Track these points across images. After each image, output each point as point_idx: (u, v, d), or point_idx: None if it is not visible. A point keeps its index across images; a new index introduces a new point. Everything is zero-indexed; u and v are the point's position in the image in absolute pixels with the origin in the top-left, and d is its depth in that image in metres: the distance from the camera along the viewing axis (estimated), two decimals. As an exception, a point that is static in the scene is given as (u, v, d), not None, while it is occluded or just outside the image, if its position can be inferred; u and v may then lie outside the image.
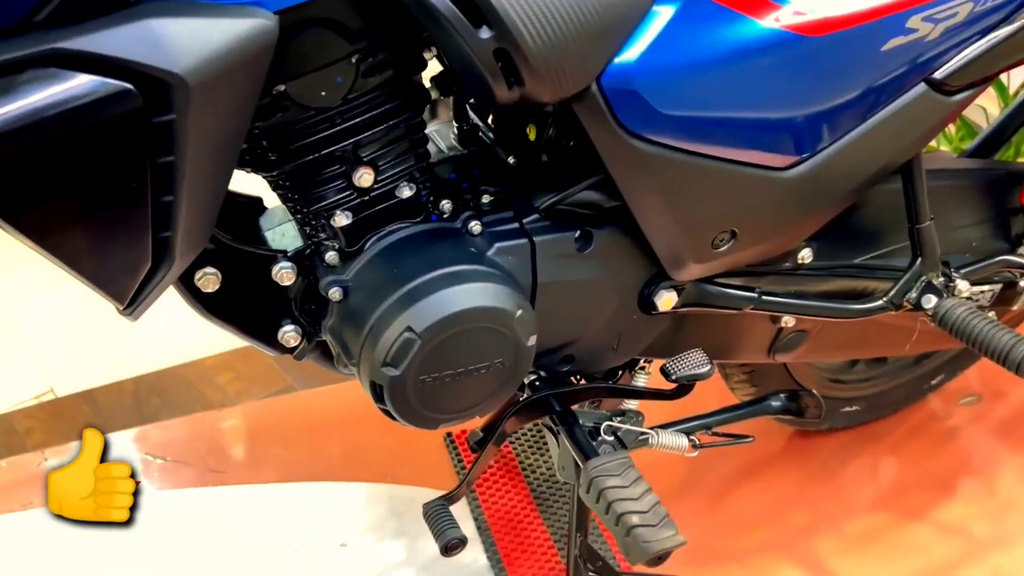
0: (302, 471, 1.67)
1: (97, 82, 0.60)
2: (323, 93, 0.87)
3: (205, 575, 1.49)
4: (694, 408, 1.37)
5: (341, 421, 1.80)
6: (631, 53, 0.87)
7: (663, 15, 0.87)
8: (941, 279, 1.24)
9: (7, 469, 1.73)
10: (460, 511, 1.60)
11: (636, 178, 0.97)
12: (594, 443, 1.17)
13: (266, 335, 1.05)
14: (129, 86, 0.61)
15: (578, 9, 0.81)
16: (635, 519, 1.00)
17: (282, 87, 0.85)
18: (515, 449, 1.72)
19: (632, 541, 1.00)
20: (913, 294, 1.23)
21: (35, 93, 0.59)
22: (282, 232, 1.05)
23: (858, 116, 1.04)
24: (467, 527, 1.60)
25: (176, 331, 1.92)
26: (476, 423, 1.17)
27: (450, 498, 1.07)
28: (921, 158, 1.17)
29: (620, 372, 1.32)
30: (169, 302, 0.99)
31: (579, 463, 1.12)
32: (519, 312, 0.97)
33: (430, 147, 1.13)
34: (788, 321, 1.29)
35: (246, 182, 1.02)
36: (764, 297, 1.19)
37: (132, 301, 0.76)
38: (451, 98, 1.11)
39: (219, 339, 1.07)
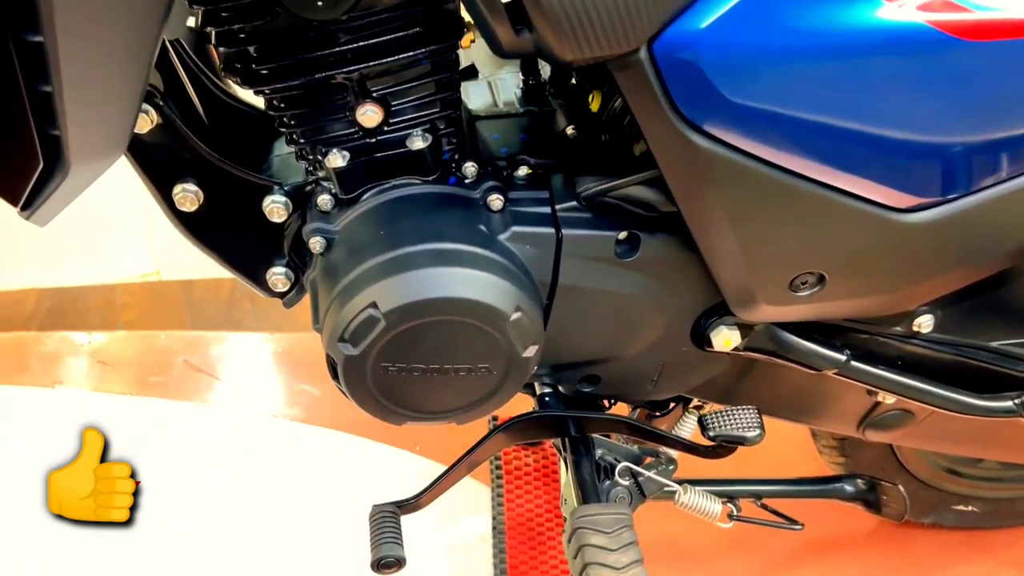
0: (331, 417, 1.57)
1: None
2: (319, 3, 0.71)
3: (195, 497, 1.43)
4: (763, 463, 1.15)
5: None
6: (701, 16, 0.65)
7: (755, -26, 0.64)
8: (1101, 394, 0.95)
9: (55, 343, 1.73)
10: (480, 504, 1.48)
11: (692, 183, 0.75)
12: (606, 483, 0.99)
13: (252, 272, 0.93)
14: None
15: (621, -58, 0.61)
16: (608, 594, 0.82)
17: (270, -14, 0.71)
18: (559, 452, 1.55)
19: (597, 618, 0.82)
20: (1056, 404, 0.95)
21: None
22: (292, 161, 0.92)
23: (1024, 162, 0.77)
24: (482, 523, 1.46)
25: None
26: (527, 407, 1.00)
27: (403, 506, 0.92)
28: (1110, 234, 0.88)
29: (672, 405, 1.11)
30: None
31: (576, 503, 0.94)
32: (516, 315, 0.79)
33: (486, 97, 0.97)
34: (888, 396, 1.04)
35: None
36: (854, 363, 0.95)
37: (28, 204, 0.64)
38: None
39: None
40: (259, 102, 0.93)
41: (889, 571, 1.47)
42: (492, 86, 0.97)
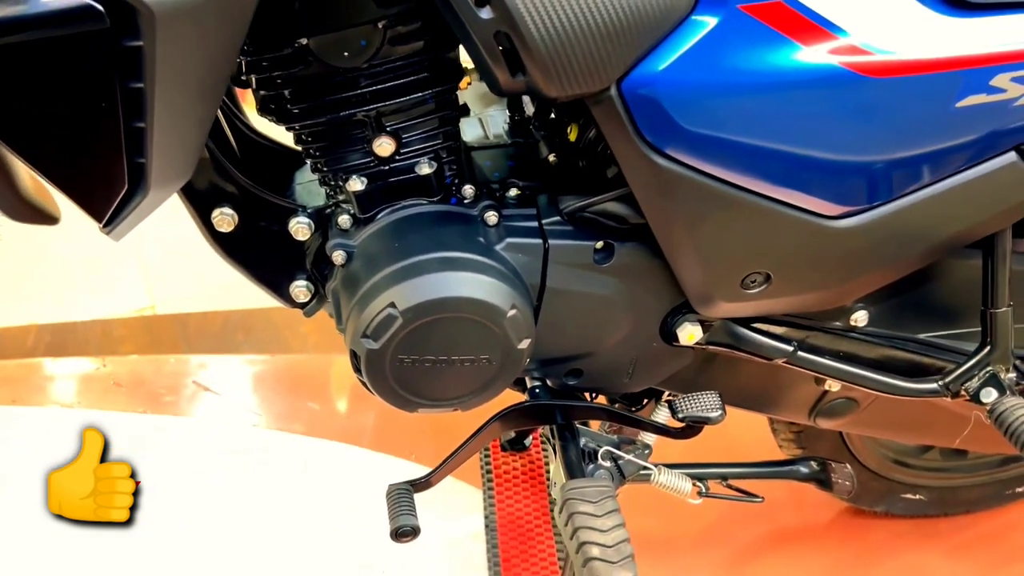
0: (332, 430, 1.70)
1: None
2: (345, 54, 0.86)
3: (209, 512, 1.52)
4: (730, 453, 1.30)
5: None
6: (659, 60, 0.81)
7: (700, 26, 0.80)
8: (1011, 375, 1.11)
9: (70, 366, 1.84)
10: (472, 505, 1.60)
11: (657, 197, 0.91)
12: (591, 466, 1.12)
13: (277, 286, 1.06)
14: (97, 6, 0.62)
15: (594, 2, 0.76)
16: (595, 551, 0.95)
17: (304, 41, 0.85)
18: (545, 456, 1.68)
19: (587, 573, 0.95)
20: (974, 383, 1.11)
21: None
22: (311, 188, 1.06)
23: (927, 175, 0.93)
24: (476, 522, 1.58)
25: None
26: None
27: (416, 484, 1.05)
28: (1008, 235, 1.04)
29: (645, 400, 1.26)
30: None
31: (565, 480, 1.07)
32: (511, 312, 0.93)
33: (477, 131, 1.12)
34: (833, 385, 1.19)
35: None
36: (801, 353, 1.10)
37: (110, 221, 0.77)
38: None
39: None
40: (281, 138, 1.08)
41: (849, 559, 1.60)
42: (483, 122, 1.13)
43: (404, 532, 0.98)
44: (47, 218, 1.04)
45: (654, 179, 0.88)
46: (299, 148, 0.98)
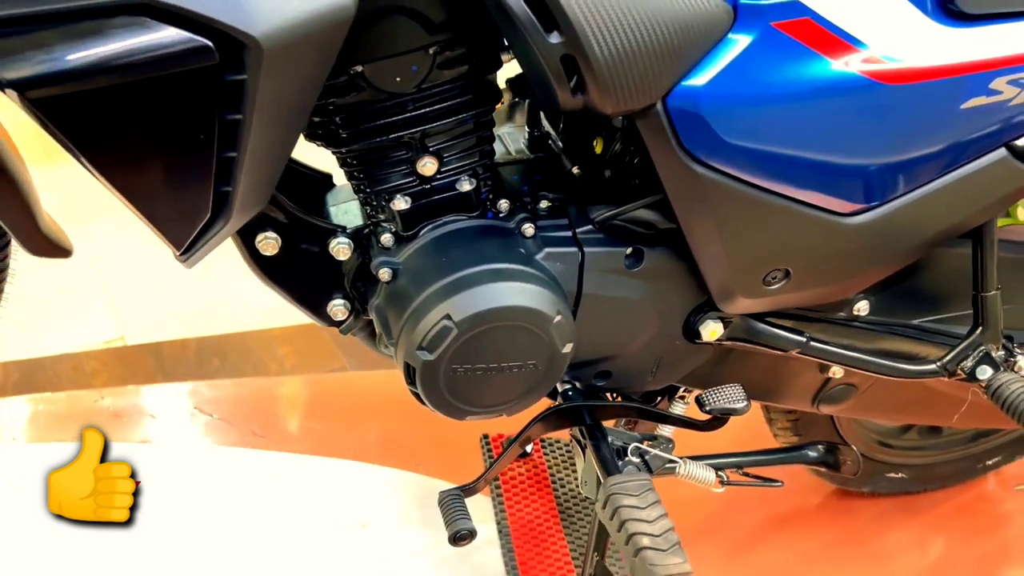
0: (336, 448, 1.71)
1: (181, 36, 0.65)
2: (397, 79, 0.90)
3: (224, 534, 1.53)
4: (731, 446, 1.37)
5: (383, 407, 1.84)
6: (700, 77, 0.88)
7: (738, 44, 0.87)
8: (1001, 352, 1.21)
9: (66, 401, 1.81)
10: (483, 512, 1.64)
11: (692, 202, 0.97)
12: (620, 462, 1.18)
13: (316, 305, 1.08)
14: (209, 43, 0.65)
15: (649, 26, 0.83)
16: (645, 541, 1.00)
17: (359, 68, 0.89)
18: (548, 460, 1.73)
19: (639, 563, 1.00)
20: (969, 363, 1.20)
21: (123, 38, 0.64)
22: (346, 209, 1.09)
23: (930, 172, 1.02)
24: (488, 529, 1.62)
25: (249, 298, 1.98)
26: (514, 428, 1.18)
27: (466, 489, 1.09)
28: (995, 225, 1.14)
29: (659, 398, 1.32)
30: (246, 270, 1.04)
31: (600, 479, 1.12)
32: (557, 317, 0.98)
33: (498, 148, 1.16)
34: (836, 372, 1.27)
35: (319, 158, 1.07)
36: (813, 343, 1.17)
37: (188, 249, 0.80)
38: (526, 103, 1.14)
39: (287, 312, 1.12)
40: (309, 160, 1.11)
41: (839, 539, 1.67)
42: (502, 139, 1.18)
43: (462, 535, 1.02)
44: (61, 251, 1.06)
45: (691, 187, 0.94)
46: (343, 170, 1.02)
